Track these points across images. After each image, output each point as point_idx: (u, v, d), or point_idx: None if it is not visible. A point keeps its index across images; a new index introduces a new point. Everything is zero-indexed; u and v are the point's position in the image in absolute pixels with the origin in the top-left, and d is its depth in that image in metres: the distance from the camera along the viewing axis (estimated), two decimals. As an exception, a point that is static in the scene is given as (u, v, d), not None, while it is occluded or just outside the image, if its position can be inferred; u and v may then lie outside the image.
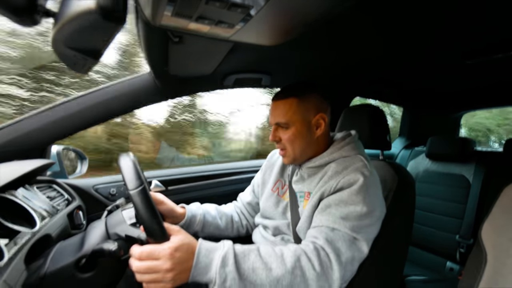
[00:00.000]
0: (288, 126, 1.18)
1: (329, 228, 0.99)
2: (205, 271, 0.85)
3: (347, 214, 1.00)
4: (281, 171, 1.41)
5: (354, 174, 1.07)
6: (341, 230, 0.98)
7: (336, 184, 1.07)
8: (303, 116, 1.18)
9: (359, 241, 1.00)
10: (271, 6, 0.74)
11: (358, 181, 1.05)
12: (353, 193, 1.03)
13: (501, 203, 0.90)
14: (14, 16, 0.59)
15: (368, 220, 1.02)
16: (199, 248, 0.87)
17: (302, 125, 1.18)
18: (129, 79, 1.52)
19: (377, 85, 2.24)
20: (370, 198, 1.04)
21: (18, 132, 1.33)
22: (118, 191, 1.78)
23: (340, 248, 0.96)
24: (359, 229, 1.00)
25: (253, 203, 1.53)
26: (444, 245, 2.38)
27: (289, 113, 1.17)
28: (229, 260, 0.86)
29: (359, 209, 1.01)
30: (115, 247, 0.92)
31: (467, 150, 2.39)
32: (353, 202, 1.02)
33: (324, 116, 1.21)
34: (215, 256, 0.87)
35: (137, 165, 1.00)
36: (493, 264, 0.83)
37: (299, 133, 1.18)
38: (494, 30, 1.20)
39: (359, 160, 1.14)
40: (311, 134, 1.20)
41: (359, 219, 1.00)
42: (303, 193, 1.23)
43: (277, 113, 1.20)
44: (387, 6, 0.98)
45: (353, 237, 0.99)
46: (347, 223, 0.99)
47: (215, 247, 0.90)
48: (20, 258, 0.89)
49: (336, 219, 1.00)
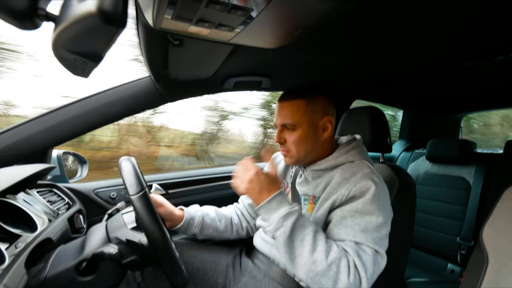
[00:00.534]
0: (295, 127, 1.16)
1: (352, 242, 0.99)
2: (268, 211, 1.01)
3: (365, 226, 1.00)
4: (284, 173, 1.41)
5: (365, 182, 1.06)
6: (364, 243, 0.99)
7: (348, 193, 1.06)
8: (310, 118, 1.16)
9: (380, 254, 1.01)
10: (271, 9, 0.75)
11: (370, 189, 1.04)
12: (367, 203, 1.02)
13: (502, 205, 0.90)
14: (14, 20, 0.59)
15: (385, 230, 1.03)
16: (278, 193, 1.03)
17: (309, 128, 1.16)
18: (129, 82, 1.52)
19: (377, 88, 2.24)
20: (383, 206, 1.04)
21: (18, 136, 1.33)
22: (119, 195, 1.78)
23: (366, 264, 0.96)
24: (379, 240, 1.01)
25: (254, 204, 1.52)
26: (445, 247, 2.38)
27: (297, 115, 1.15)
28: (291, 218, 0.96)
29: (375, 219, 1.01)
30: (116, 251, 0.91)
31: (467, 152, 2.39)
32: (368, 212, 1.02)
33: (331, 119, 1.20)
34: (283, 207, 0.99)
35: (138, 169, 1.00)
36: (494, 266, 0.83)
37: (305, 136, 1.16)
38: (495, 32, 1.20)
39: (366, 166, 1.13)
40: (318, 137, 1.19)
41: (378, 230, 1.01)
42: (307, 197, 1.22)
43: (284, 114, 1.18)
44: (387, 8, 0.98)
45: (375, 250, 0.99)
46: (368, 235, 0.99)
47: (288, 203, 1.02)
48: (20, 262, 0.89)
49: (357, 233, 1.00)
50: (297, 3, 0.75)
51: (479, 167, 2.34)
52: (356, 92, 2.34)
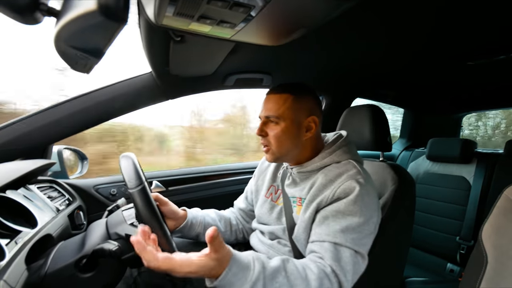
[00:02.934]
0: (278, 121, 1.15)
1: (331, 244, 0.98)
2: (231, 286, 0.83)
3: (346, 226, 0.99)
4: (273, 177, 1.40)
5: (349, 183, 1.05)
6: (343, 244, 0.98)
7: (332, 195, 1.06)
8: (295, 114, 1.15)
9: (360, 254, 1.00)
10: (272, 6, 0.74)
11: (354, 190, 1.03)
12: (350, 203, 1.02)
13: (502, 205, 0.90)
14: (16, 15, 0.59)
15: (367, 230, 1.02)
16: (231, 265, 0.83)
17: (293, 124, 1.15)
18: (130, 78, 1.52)
19: (378, 86, 2.24)
20: (366, 207, 1.03)
21: (19, 132, 1.33)
22: (119, 191, 1.78)
23: (345, 266, 0.96)
24: (359, 240, 1.00)
25: (246, 210, 1.52)
26: (445, 247, 2.38)
27: (282, 108, 1.14)
28: (260, 282, 0.85)
29: (357, 220, 1.00)
30: (116, 247, 0.91)
31: (468, 152, 2.39)
32: (350, 212, 1.01)
33: (316, 120, 1.18)
34: (246, 278, 0.84)
35: (138, 165, 1.00)
36: (493, 266, 0.83)
37: (287, 131, 1.15)
38: (496, 32, 1.20)
39: (352, 166, 1.12)
40: (300, 135, 1.17)
41: (359, 231, 1.00)
42: (295, 198, 1.21)
43: (270, 106, 1.17)
44: (388, 7, 0.98)
45: (355, 251, 0.99)
46: (348, 236, 0.99)
47: (246, 266, 0.86)
48: (20, 258, 0.89)
49: (337, 233, 0.99)
50: (298, 1, 0.75)
51: (479, 166, 2.35)
52: (357, 90, 2.34)
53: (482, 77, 1.92)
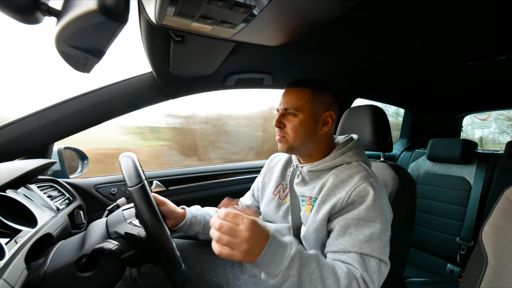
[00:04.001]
0: (296, 113, 1.17)
1: (357, 255, 0.99)
2: (268, 264, 0.84)
3: (370, 235, 1.00)
4: (282, 175, 1.40)
5: (364, 186, 1.05)
6: (369, 254, 0.98)
7: (347, 197, 1.05)
8: (313, 108, 1.17)
9: (384, 262, 1.01)
10: (273, 6, 0.74)
11: (369, 193, 1.03)
12: (370, 209, 1.01)
13: (502, 205, 0.90)
14: (16, 14, 0.59)
15: (387, 236, 1.03)
16: (271, 240, 0.85)
17: (310, 117, 1.17)
18: (130, 78, 1.52)
19: (379, 87, 2.24)
20: (383, 211, 1.04)
21: (19, 131, 1.33)
22: (119, 191, 1.78)
23: (372, 275, 0.96)
24: (383, 248, 1.01)
25: (252, 206, 1.53)
26: (445, 247, 2.38)
27: (302, 101, 1.16)
28: (295, 264, 0.85)
29: (378, 227, 1.00)
30: (115, 247, 0.92)
31: (468, 152, 2.38)
32: (371, 218, 1.01)
33: (333, 115, 1.20)
34: (284, 255, 0.86)
35: (137, 164, 1.00)
36: (493, 267, 0.83)
37: (305, 123, 1.16)
38: (497, 33, 1.20)
39: (363, 168, 1.13)
40: (317, 128, 1.19)
41: (381, 238, 1.00)
42: (305, 197, 1.21)
43: (289, 98, 1.18)
44: (389, 7, 0.98)
45: (379, 259, 0.99)
46: (373, 245, 0.99)
47: (284, 245, 0.88)
48: (20, 257, 0.89)
49: (362, 244, 0.99)
50: (298, 1, 0.75)
51: (480, 167, 2.34)
52: (357, 90, 2.34)
53: (482, 78, 1.92)
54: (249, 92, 2.20)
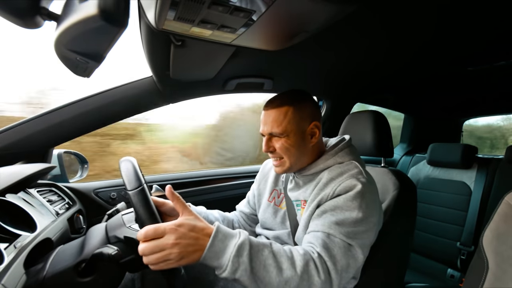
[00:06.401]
0: (282, 135, 1.14)
1: (324, 234, 0.98)
2: (217, 256, 0.83)
3: (342, 220, 0.99)
4: (275, 181, 1.40)
5: (350, 181, 1.05)
6: (336, 236, 0.97)
7: (332, 192, 1.06)
8: (298, 125, 1.14)
9: (354, 247, 0.99)
10: (273, 11, 0.75)
11: (355, 187, 1.03)
12: (349, 199, 1.02)
13: (502, 211, 0.90)
14: (17, 19, 0.59)
15: (363, 226, 1.01)
16: (216, 231, 0.85)
17: (297, 135, 1.14)
18: (131, 82, 1.52)
19: (379, 91, 2.24)
20: (366, 204, 1.02)
21: (19, 135, 1.33)
22: (119, 195, 1.78)
23: (335, 256, 0.95)
24: (354, 235, 0.99)
25: (248, 214, 1.52)
26: (445, 252, 2.37)
27: (284, 123, 1.13)
28: (244, 251, 0.85)
29: (355, 215, 0.99)
30: (115, 251, 0.91)
31: (468, 157, 2.38)
32: (348, 208, 1.01)
33: (318, 124, 1.18)
34: (231, 244, 0.85)
35: (137, 168, 1.00)
36: (494, 272, 0.83)
37: (294, 143, 1.14)
38: (497, 38, 1.20)
39: (354, 166, 1.13)
40: (306, 143, 1.17)
41: (354, 225, 0.99)
42: (299, 201, 1.21)
43: (271, 122, 1.15)
44: (389, 12, 0.98)
45: (348, 243, 0.98)
46: (342, 229, 0.98)
47: (232, 234, 0.88)
48: (19, 262, 0.89)
49: (332, 225, 0.99)
50: (299, 6, 0.75)
51: (480, 171, 2.34)
52: (357, 95, 2.34)
53: (482, 82, 1.92)
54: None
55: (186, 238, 0.82)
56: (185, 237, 0.82)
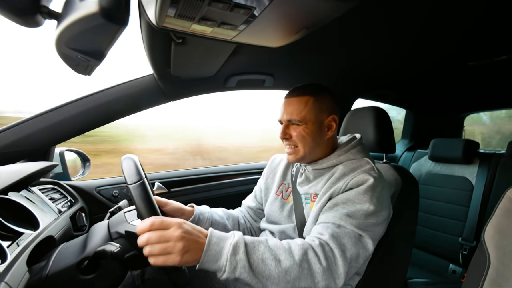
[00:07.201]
0: (301, 123, 1.17)
1: (335, 225, 0.99)
2: (215, 259, 0.84)
3: (353, 212, 1.00)
4: (284, 175, 1.40)
5: (362, 175, 1.07)
6: (347, 227, 0.98)
7: (345, 186, 1.07)
8: (316, 115, 1.17)
9: (364, 238, 0.99)
10: (273, 7, 0.74)
11: (367, 181, 1.05)
12: (361, 192, 1.03)
13: (504, 206, 0.90)
14: (17, 18, 0.59)
15: (374, 219, 1.02)
16: (210, 235, 0.86)
17: (315, 124, 1.17)
18: (131, 80, 1.52)
19: (380, 87, 2.24)
20: (377, 198, 1.03)
21: (21, 134, 1.33)
22: (121, 193, 1.79)
23: (345, 244, 0.95)
24: (364, 227, 1.00)
25: (255, 208, 1.52)
26: (447, 248, 2.38)
27: (304, 111, 1.16)
28: (240, 249, 0.85)
29: (366, 208, 1.00)
30: (117, 249, 0.91)
31: (470, 152, 2.38)
32: (360, 201, 1.02)
33: (335, 118, 1.21)
34: (226, 244, 0.86)
35: (138, 164, 1.01)
36: (496, 267, 0.83)
37: (311, 132, 1.17)
38: (497, 32, 1.19)
39: (366, 162, 1.15)
40: (322, 134, 1.20)
41: (365, 218, 1.00)
42: (309, 195, 1.22)
43: (291, 109, 1.18)
44: (390, 7, 0.98)
45: (359, 234, 0.98)
46: (353, 220, 0.99)
47: (226, 236, 0.89)
48: (22, 259, 0.89)
49: (342, 216, 0.99)
50: (299, 2, 0.75)
51: (482, 167, 2.34)
52: (358, 90, 2.34)
53: (483, 77, 1.92)
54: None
55: (191, 235, 0.83)
56: (190, 233, 0.83)
